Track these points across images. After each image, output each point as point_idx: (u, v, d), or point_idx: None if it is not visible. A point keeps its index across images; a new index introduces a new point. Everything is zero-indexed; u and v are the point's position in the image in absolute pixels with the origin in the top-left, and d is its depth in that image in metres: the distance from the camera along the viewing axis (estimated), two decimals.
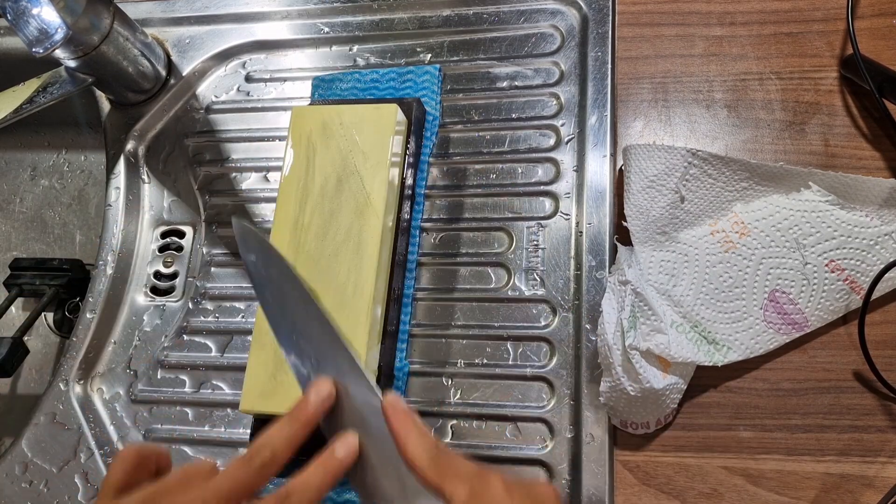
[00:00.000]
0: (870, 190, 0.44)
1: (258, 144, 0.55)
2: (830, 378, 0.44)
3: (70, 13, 0.47)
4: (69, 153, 0.69)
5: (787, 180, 0.45)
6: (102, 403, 0.50)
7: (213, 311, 0.51)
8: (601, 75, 0.50)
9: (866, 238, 0.43)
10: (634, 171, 0.45)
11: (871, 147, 0.47)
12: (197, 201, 0.54)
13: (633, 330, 0.41)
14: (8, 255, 0.68)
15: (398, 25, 0.55)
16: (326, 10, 0.57)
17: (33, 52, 0.47)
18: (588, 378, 0.44)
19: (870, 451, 0.42)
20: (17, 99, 0.50)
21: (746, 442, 0.43)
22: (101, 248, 0.54)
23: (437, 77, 0.52)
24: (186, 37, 0.58)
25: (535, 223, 0.48)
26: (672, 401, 0.42)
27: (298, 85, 0.56)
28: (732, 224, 0.45)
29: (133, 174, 0.56)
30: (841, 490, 0.41)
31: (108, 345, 0.52)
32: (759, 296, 0.44)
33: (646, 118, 0.50)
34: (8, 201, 0.69)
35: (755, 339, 0.43)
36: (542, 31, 0.53)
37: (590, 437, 0.43)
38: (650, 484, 0.43)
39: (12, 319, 0.65)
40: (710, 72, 0.51)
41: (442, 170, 0.51)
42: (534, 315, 0.47)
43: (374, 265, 0.42)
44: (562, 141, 0.50)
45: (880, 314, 0.44)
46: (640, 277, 0.43)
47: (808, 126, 0.48)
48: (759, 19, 0.51)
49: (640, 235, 0.45)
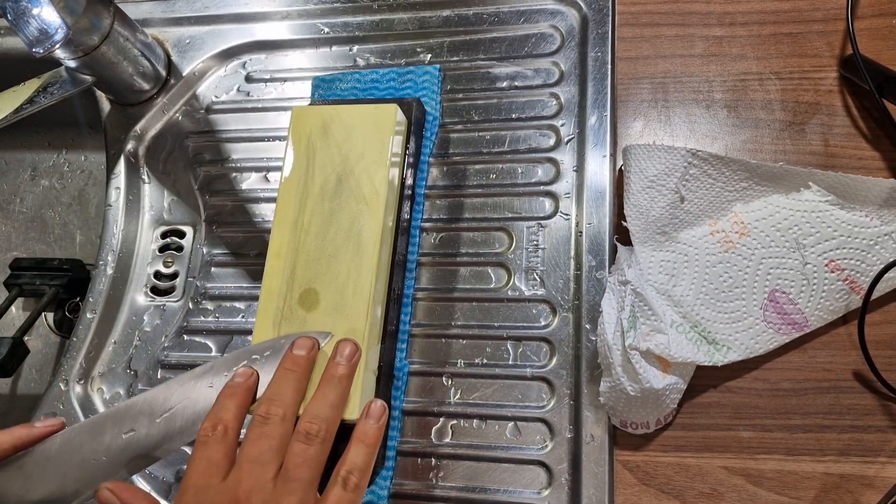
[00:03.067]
0: (870, 190, 0.44)
1: (258, 144, 0.55)
2: (830, 378, 0.44)
3: (70, 13, 0.47)
4: (69, 153, 0.69)
5: (787, 180, 0.45)
6: (102, 403, 0.50)
7: (213, 311, 0.51)
8: (601, 75, 0.50)
9: (866, 238, 0.43)
10: (634, 171, 0.45)
11: (871, 147, 0.47)
12: (197, 201, 0.55)
13: (633, 330, 0.41)
14: (8, 255, 0.68)
15: (398, 25, 0.55)
16: (326, 10, 0.57)
17: (33, 52, 0.47)
18: (588, 378, 0.44)
19: (870, 451, 0.42)
20: (17, 99, 0.50)
21: (746, 442, 0.43)
22: (101, 248, 0.54)
23: (437, 77, 0.52)
24: (186, 37, 0.58)
25: (535, 223, 0.48)
26: (672, 401, 0.42)
27: (298, 85, 0.56)
28: (732, 224, 0.45)
29: (133, 174, 0.56)
30: (841, 490, 0.41)
31: (108, 345, 0.52)
32: (758, 296, 0.44)
33: (646, 118, 0.50)
34: (8, 201, 0.69)
35: (755, 339, 0.43)
36: (542, 32, 0.53)
37: (590, 437, 0.43)
38: (650, 484, 0.43)
39: (12, 319, 0.65)
40: (709, 72, 0.51)
41: (442, 170, 0.51)
42: (534, 315, 0.47)
43: (373, 265, 0.42)
44: (562, 141, 0.50)
45: (880, 314, 0.44)
46: (640, 277, 0.43)
47: (808, 126, 0.48)
48: (758, 19, 0.51)
49: (639, 235, 0.45)
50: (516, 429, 0.44)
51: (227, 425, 0.33)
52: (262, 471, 0.32)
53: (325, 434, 0.33)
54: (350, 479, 0.33)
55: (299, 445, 0.33)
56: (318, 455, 0.33)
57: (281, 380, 0.35)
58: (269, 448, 0.32)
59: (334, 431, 0.34)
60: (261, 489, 0.31)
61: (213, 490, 0.31)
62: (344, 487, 0.32)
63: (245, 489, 0.31)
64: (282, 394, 0.34)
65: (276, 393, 0.34)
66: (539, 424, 0.44)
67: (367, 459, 0.34)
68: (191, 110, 0.57)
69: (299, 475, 0.32)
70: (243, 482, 0.31)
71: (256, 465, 0.32)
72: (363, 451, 0.34)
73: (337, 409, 0.35)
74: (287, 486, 0.31)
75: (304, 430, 0.33)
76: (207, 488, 0.31)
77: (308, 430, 0.33)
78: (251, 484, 0.31)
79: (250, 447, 0.32)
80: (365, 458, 0.34)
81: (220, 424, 0.33)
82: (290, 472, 0.32)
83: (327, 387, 0.35)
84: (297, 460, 0.32)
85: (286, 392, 0.35)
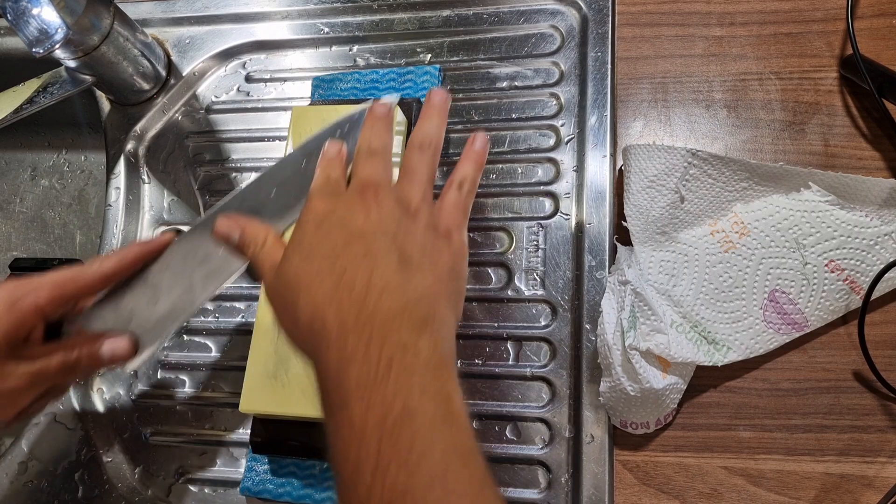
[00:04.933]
0: (870, 190, 0.44)
1: (258, 144, 0.55)
2: (830, 378, 0.44)
3: (70, 13, 0.47)
4: (69, 153, 0.69)
5: (787, 180, 0.45)
6: (102, 403, 0.50)
7: (213, 311, 0.51)
8: (601, 75, 0.50)
9: (866, 238, 0.43)
10: (634, 171, 0.45)
11: (871, 147, 0.47)
12: (197, 201, 0.54)
13: (633, 330, 0.41)
14: (8, 255, 0.68)
15: (398, 25, 0.55)
16: (326, 10, 0.57)
17: (33, 52, 0.47)
18: (588, 378, 0.44)
19: (870, 451, 0.42)
20: (17, 99, 0.50)
21: (746, 442, 0.43)
22: (101, 248, 0.54)
23: (437, 77, 0.52)
24: (186, 37, 0.58)
25: (535, 223, 0.48)
26: (672, 401, 0.42)
27: (298, 85, 0.56)
28: (732, 224, 0.45)
29: (133, 174, 0.56)
30: (841, 490, 0.41)
31: None
32: (758, 296, 0.44)
33: (646, 118, 0.50)
34: (8, 201, 0.69)
35: (755, 339, 0.43)
36: (542, 32, 0.53)
37: (590, 437, 0.43)
38: (650, 484, 0.43)
39: None
40: (709, 72, 0.51)
41: (442, 170, 0.51)
42: (534, 315, 0.47)
43: None
44: (562, 141, 0.50)
45: (880, 314, 0.44)
46: (640, 277, 0.43)
47: (808, 126, 0.48)
48: (758, 19, 0.51)
49: (639, 235, 0.45)
50: (516, 429, 0.44)
51: (337, 178, 0.37)
52: (383, 168, 0.36)
53: (436, 147, 0.37)
54: (464, 185, 0.37)
55: (416, 154, 0.36)
56: (430, 160, 0.36)
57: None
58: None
59: (441, 145, 0.38)
60: (384, 181, 0.35)
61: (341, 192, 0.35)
62: (459, 190, 0.36)
63: (370, 181, 0.35)
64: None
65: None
66: (539, 424, 0.44)
67: (476, 171, 0.38)
68: (191, 110, 0.57)
69: (420, 169, 0.36)
70: (364, 175, 0.35)
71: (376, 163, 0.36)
72: (472, 165, 0.38)
73: (441, 129, 0.38)
74: (410, 178, 0.35)
75: (418, 143, 0.37)
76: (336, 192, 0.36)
77: (421, 142, 0.37)
78: (373, 176, 0.35)
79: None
80: (475, 170, 0.38)
81: (332, 179, 0.36)
82: (411, 168, 0.36)
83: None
84: (414, 160, 0.36)
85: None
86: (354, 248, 0.31)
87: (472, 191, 0.37)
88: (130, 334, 0.38)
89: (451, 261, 0.34)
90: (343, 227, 0.32)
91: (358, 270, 0.31)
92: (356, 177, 0.35)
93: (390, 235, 0.32)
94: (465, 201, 0.36)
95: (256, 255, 0.35)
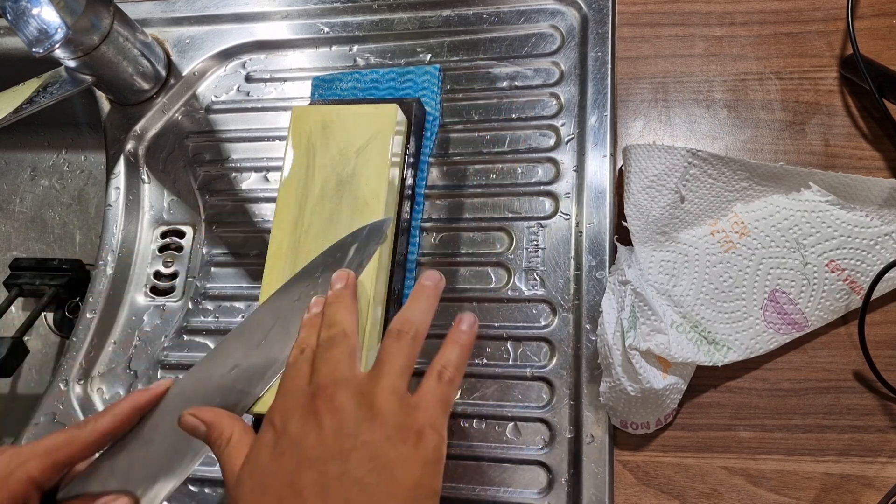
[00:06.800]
0: (870, 190, 0.44)
1: (258, 144, 0.55)
2: (830, 378, 0.44)
3: (70, 13, 0.47)
4: (69, 153, 0.69)
5: (787, 180, 0.45)
6: (102, 403, 0.50)
7: (213, 311, 0.51)
8: (601, 75, 0.50)
9: (866, 238, 0.43)
10: (634, 171, 0.45)
11: (871, 147, 0.47)
12: (197, 201, 0.54)
13: (633, 330, 0.41)
14: (8, 255, 0.68)
15: (398, 25, 0.55)
16: (326, 10, 0.57)
17: (33, 52, 0.47)
18: (588, 378, 0.44)
19: (870, 451, 0.42)
20: (17, 99, 0.50)
21: (746, 442, 0.43)
22: (101, 248, 0.54)
23: (437, 77, 0.52)
24: (186, 37, 0.58)
25: (535, 223, 0.48)
26: (672, 401, 0.42)
27: (298, 85, 0.56)
28: (732, 224, 0.45)
29: (133, 174, 0.56)
30: (841, 490, 0.41)
31: (108, 345, 0.52)
32: (759, 296, 0.44)
33: (646, 118, 0.50)
34: (8, 201, 0.69)
35: (755, 339, 0.43)
36: (542, 32, 0.53)
37: (590, 437, 0.43)
38: (650, 484, 0.43)
39: (12, 319, 0.65)
40: (710, 72, 0.51)
41: (442, 170, 0.51)
42: (534, 315, 0.47)
43: (373, 265, 0.42)
44: (562, 141, 0.50)
45: (880, 314, 0.44)
46: (640, 277, 0.43)
47: (808, 126, 0.48)
48: (759, 19, 0.51)
49: (640, 235, 0.45)
50: (516, 429, 0.44)
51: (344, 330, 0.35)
52: (348, 367, 0.34)
53: (416, 333, 0.34)
54: (444, 373, 0.33)
55: (391, 341, 0.34)
56: (409, 348, 0.34)
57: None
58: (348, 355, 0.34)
59: (424, 333, 0.35)
60: (342, 377, 0.33)
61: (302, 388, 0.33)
62: (438, 380, 0.33)
63: (326, 383, 0.32)
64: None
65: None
66: (539, 424, 0.44)
67: (461, 357, 0.34)
68: (190, 110, 0.57)
69: (393, 360, 0.33)
70: (321, 373, 0.33)
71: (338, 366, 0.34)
72: (457, 350, 0.34)
73: (427, 315, 0.36)
74: (379, 370, 0.33)
75: (396, 329, 0.34)
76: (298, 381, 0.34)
77: (400, 329, 0.34)
78: (331, 374, 0.33)
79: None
80: (459, 356, 0.34)
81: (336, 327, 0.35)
82: (383, 357, 0.33)
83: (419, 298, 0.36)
84: (389, 348, 0.33)
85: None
86: (305, 478, 0.30)
87: (455, 380, 0.33)
88: (129, 496, 0.36)
89: (419, 473, 0.30)
90: (295, 448, 0.31)
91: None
92: (315, 373, 0.33)
93: (344, 456, 0.30)
94: (446, 392, 0.33)
95: (221, 455, 0.33)
